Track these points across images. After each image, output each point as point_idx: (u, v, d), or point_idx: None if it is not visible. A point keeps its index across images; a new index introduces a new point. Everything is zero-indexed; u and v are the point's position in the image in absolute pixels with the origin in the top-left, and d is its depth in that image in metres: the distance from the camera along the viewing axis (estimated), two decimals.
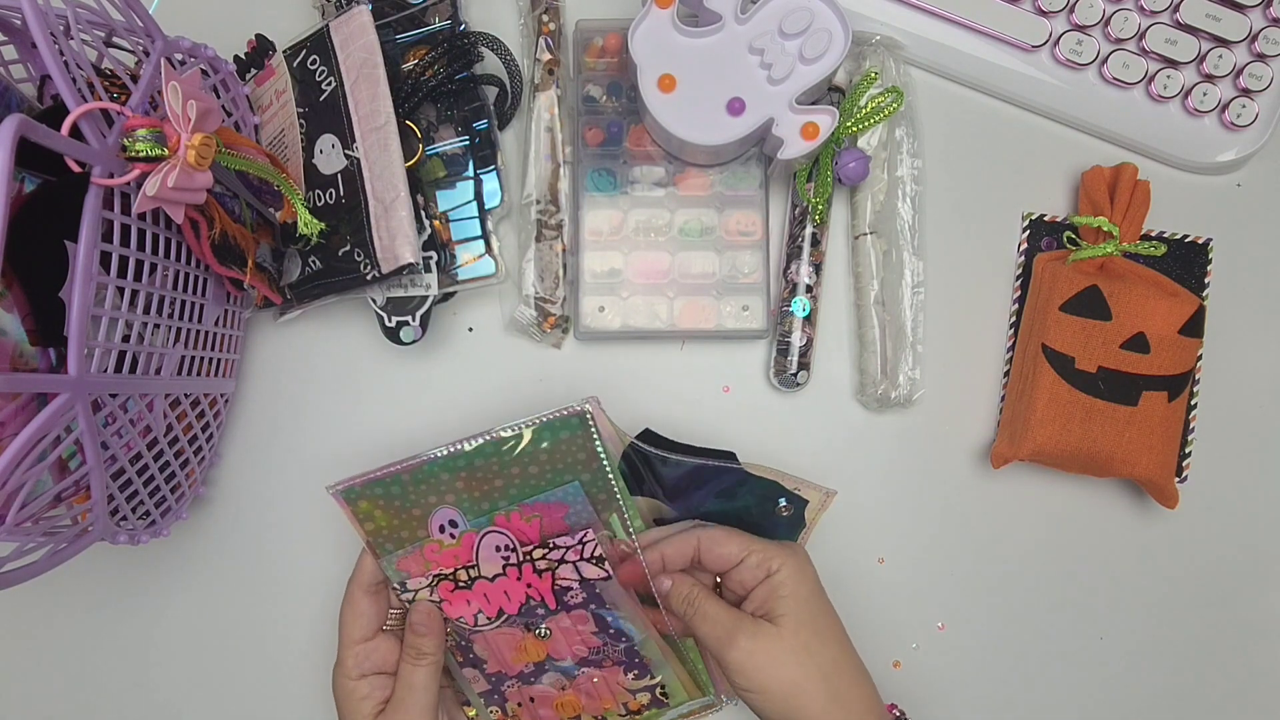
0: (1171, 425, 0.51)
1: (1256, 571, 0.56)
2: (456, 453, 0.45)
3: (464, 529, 0.46)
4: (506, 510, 0.46)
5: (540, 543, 0.47)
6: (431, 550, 0.47)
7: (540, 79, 0.54)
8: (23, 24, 0.43)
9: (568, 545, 0.47)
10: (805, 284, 0.54)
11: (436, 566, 0.47)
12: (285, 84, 0.52)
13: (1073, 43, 0.55)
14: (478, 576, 0.48)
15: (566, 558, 0.47)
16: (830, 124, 0.49)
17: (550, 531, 0.46)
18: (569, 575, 0.47)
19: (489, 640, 0.49)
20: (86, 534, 0.42)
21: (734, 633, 0.44)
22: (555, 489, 0.46)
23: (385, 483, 0.46)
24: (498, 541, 0.47)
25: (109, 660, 0.56)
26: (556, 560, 0.47)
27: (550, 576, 0.47)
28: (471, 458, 0.45)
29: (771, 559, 0.46)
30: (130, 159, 0.37)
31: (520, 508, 0.46)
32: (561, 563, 0.47)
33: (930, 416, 0.56)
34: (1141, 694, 0.56)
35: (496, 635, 0.49)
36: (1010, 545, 0.56)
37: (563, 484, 0.46)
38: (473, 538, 0.46)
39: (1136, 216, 0.52)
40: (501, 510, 0.46)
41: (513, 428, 0.45)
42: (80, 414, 0.37)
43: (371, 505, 0.46)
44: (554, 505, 0.46)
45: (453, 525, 0.46)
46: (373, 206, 0.48)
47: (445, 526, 0.46)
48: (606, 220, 0.54)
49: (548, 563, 0.47)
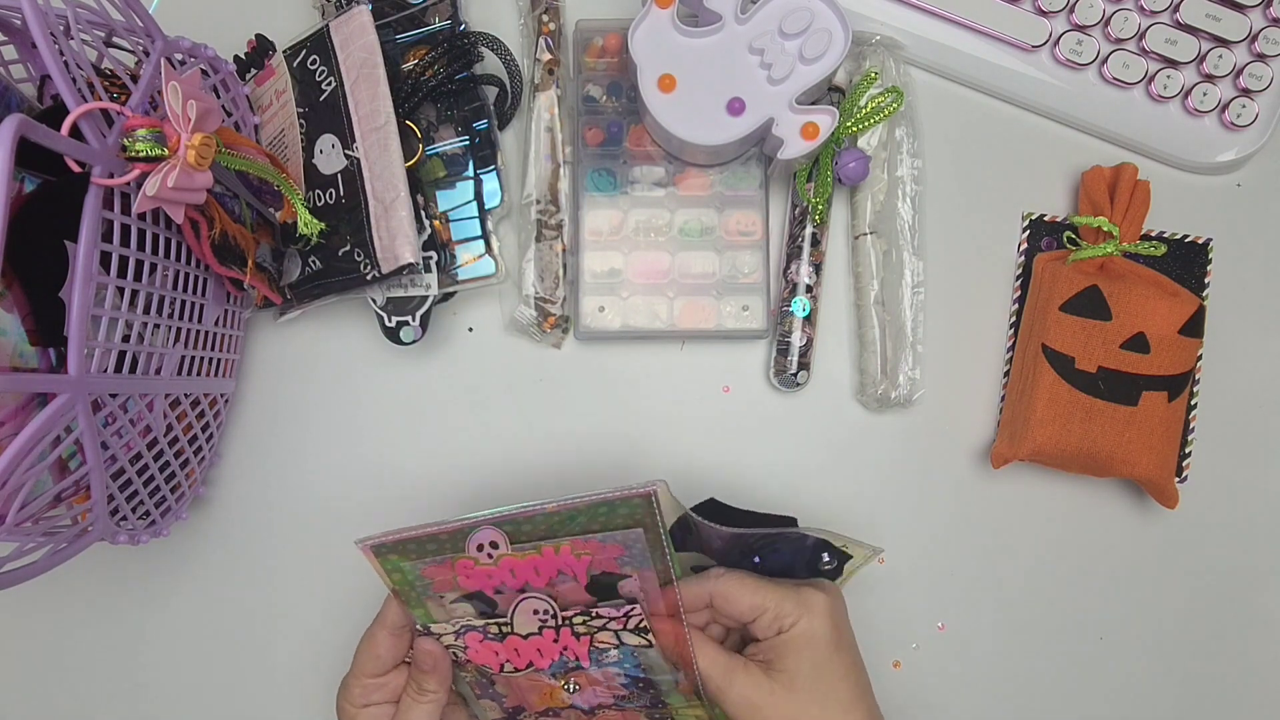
0: (1171, 425, 0.51)
1: (1256, 571, 0.56)
2: (502, 519, 0.42)
3: (505, 552, 0.43)
4: (557, 543, 0.42)
5: (582, 610, 0.44)
6: (464, 566, 0.43)
7: (540, 79, 0.54)
8: (23, 24, 0.43)
9: (611, 615, 0.44)
10: (805, 284, 0.54)
11: (467, 582, 0.44)
12: (285, 84, 0.52)
13: (1073, 43, 0.55)
14: (510, 632, 0.45)
15: (609, 626, 0.44)
16: (830, 124, 0.49)
17: (599, 569, 0.43)
18: (607, 640, 0.45)
19: (512, 682, 0.48)
20: (86, 534, 0.42)
21: (728, 682, 0.42)
22: (616, 532, 0.42)
23: (421, 541, 0.43)
24: (536, 606, 0.44)
25: (109, 660, 0.56)
26: (598, 628, 0.45)
27: (588, 640, 0.45)
28: (518, 524, 0.42)
29: (784, 616, 0.42)
30: (130, 159, 0.37)
31: (572, 542, 0.42)
32: (603, 630, 0.45)
33: (930, 416, 0.56)
34: (1141, 694, 0.56)
35: (522, 680, 0.47)
36: (1010, 545, 0.56)
37: (624, 528, 0.42)
38: (512, 562, 0.43)
39: (1136, 216, 0.52)
40: (551, 543, 0.42)
41: (563, 503, 0.41)
42: (80, 414, 0.37)
43: (401, 558, 0.43)
44: (610, 546, 0.42)
45: (493, 546, 0.43)
46: (373, 206, 0.48)
47: (484, 546, 0.43)
48: (606, 220, 0.54)
49: (588, 629, 0.45)
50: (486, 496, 0.55)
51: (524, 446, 0.56)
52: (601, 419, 0.56)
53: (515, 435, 0.56)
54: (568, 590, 0.44)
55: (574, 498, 0.41)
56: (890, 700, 0.55)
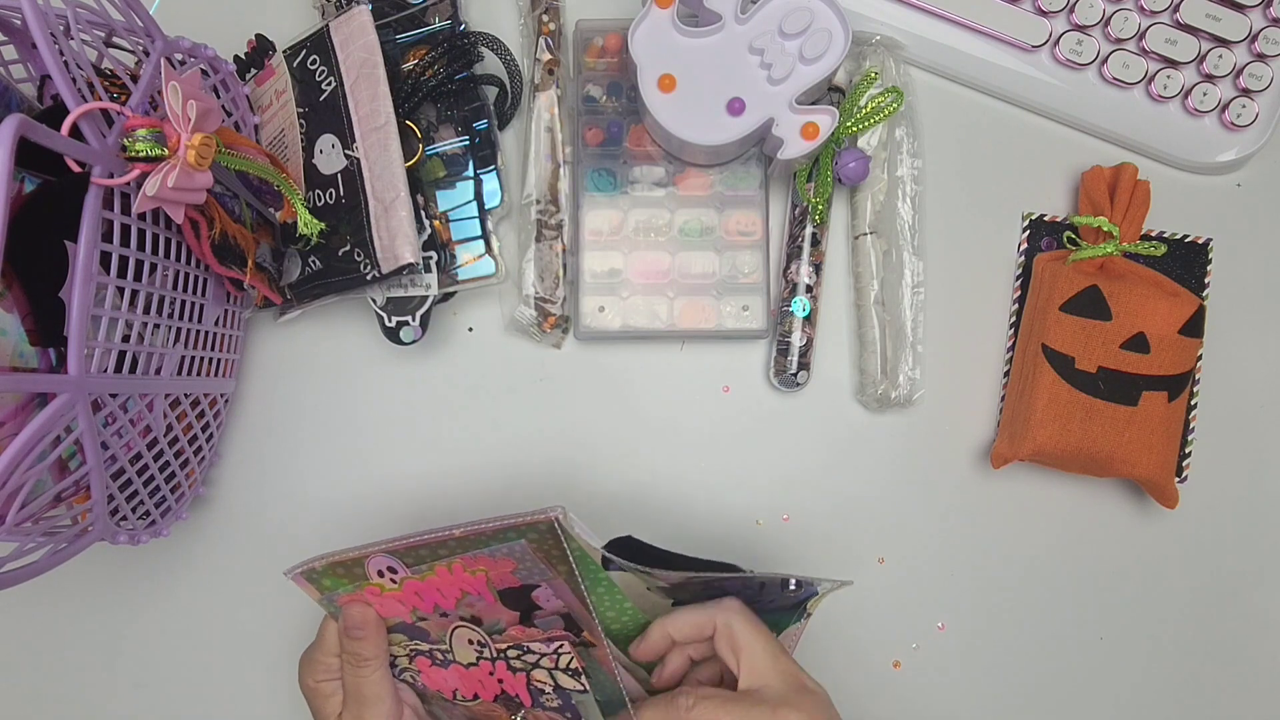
0: (1171, 425, 0.51)
1: (1256, 571, 0.56)
2: (414, 547, 0.41)
3: (404, 575, 0.43)
4: (449, 561, 0.42)
5: (514, 644, 0.44)
6: (372, 593, 0.43)
7: (540, 79, 0.54)
8: (23, 24, 0.43)
9: (542, 652, 0.44)
10: (805, 284, 0.54)
11: (381, 609, 0.44)
12: (285, 84, 0.52)
13: (1073, 43, 0.55)
14: (452, 660, 0.45)
15: (541, 664, 0.44)
16: (830, 124, 0.49)
17: (500, 584, 0.42)
18: (543, 679, 0.45)
19: (471, 709, 0.48)
20: (86, 534, 0.42)
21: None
22: (501, 544, 0.41)
23: (347, 565, 0.43)
24: (469, 636, 0.44)
25: (109, 660, 0.56)
26: (532, 664, 0.45)
27: (525, 677, 0.45)
28: (435, 549, 0.41)
29: (782, 707, 0.39)
30: (130, 159, 0.37)
31: (461, 559, 0.42)
32: (536, 666, 0.45)
33: (930, 416, 0.56)
34: (1141, 694, 0.56)
35: (478, 707, 0.48)
36: (1010, 545, 0.56)
37: (509, 541, 0.41)
38: (415, 585, 0.43)
39: (1136, 216, 0.52)
40: (443, 561, 0.42)
41: (467, 529, 0.40)
42: (80, 414, 0.37)
43: (334, 582, 0.44)
44: (500, 560, 0.41)
45: (391, 571, 0.43)
46: (373, 206, 0.48)
47: (384, 572, 0.43)
48: (606, 220, 0.54)
49: (523, 664, 0.45)
50: (487, 496, 0.55)
51: (524, 446, 0.56)
52: (601, 419, 0.56)
53: (515, 435, 0.56)
54: (487, 610, 0.44)
55: (477, 522, 0.40)
56: (890, 700, 0.56)
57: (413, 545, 0.41)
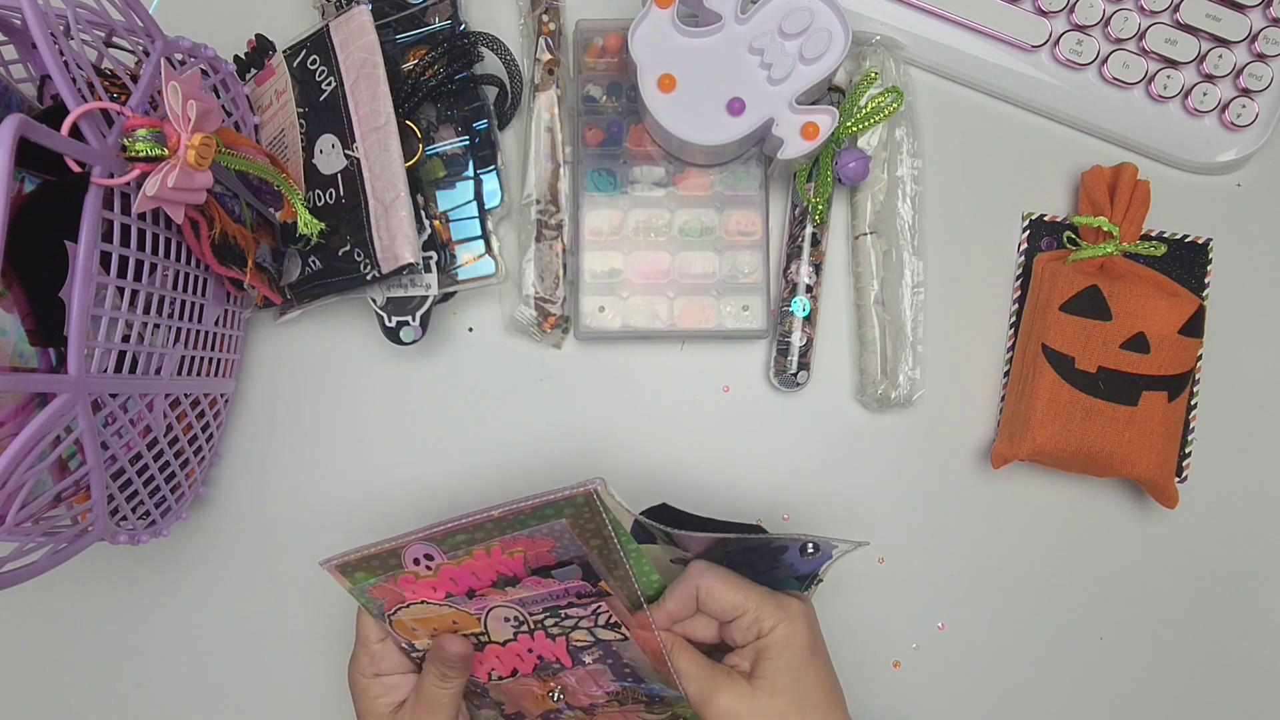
0: (1171, 425, 0.51)
1: (1256, 571, 0.56)
2: (453, 532, 0.42)
3: (441, 562, 0.43)
4: (487, 545, 0.42)
5: (550, 611, 0.44)
6: (407, 581, 0.43)
7: (540, 79, 0.54)
8: (23, 24, 0.43)
9: (580, 615, 0.44)
10: (805, 284, 0.54)
11: (413, 596, 0.44)
12: (285, 84, 0.52)
13: (1073, 43, 0.55)
14: (488, 641, 0.46)
15: (580, 624, 0.45)
16: (830, 124, 0.49)
17: (536, 564, 0.43)
18: (583, 639, 0.45)
19: (505, 689, 0.48)
20: (86, 534, 0.42)
21: (712, 691, 0.42)
22: (540, 524, 0.41)
23: (383, 557, 0.43)
24: (505, 614, 0.44)
25: (109, 660, 0.56)
26: (570, 627, 0.45)
27: (564, 640, 0.46)
28: (472, 533, 0.42)
29: (764, 620, 0.43)
30: (130, 159, 0.37)
31: (500, 542, 0.42)
32: (575, 629, 0.45)
33: (930, 416, 0.56)
34: (1141, 694, 0.56)
35: (512, 685, 0.48)
36: (1010, 545, 0.56)
37: (547, 520, 0.42)
38: (451, 570, 0.43)
39: (1136, 216, 0.52)
40: (481, 545, 0.42)
41: (507, 509, 0.40)
42: (80, 414, 0.37)
43: (367, 574, 0.44)
44: (539, 540, 0.42)
45: (428, 559, 0.43)
46: (373, 206, 0.48)
47: (420, 559, 0.43)
48: (606, 220, 0.54)
49: (561, 629, 0.45)
50: (487, 496, 0.55)
51: (524, 446, 0.56)
52: (601, 419, 0.56)
53: (515, 435, 0.56)
54: (521, 591, 0.44)
55: (516, 502, 0.40)
56: (890, 700, 0.56)
57: (451, 530, 0.41)
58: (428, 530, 0.42)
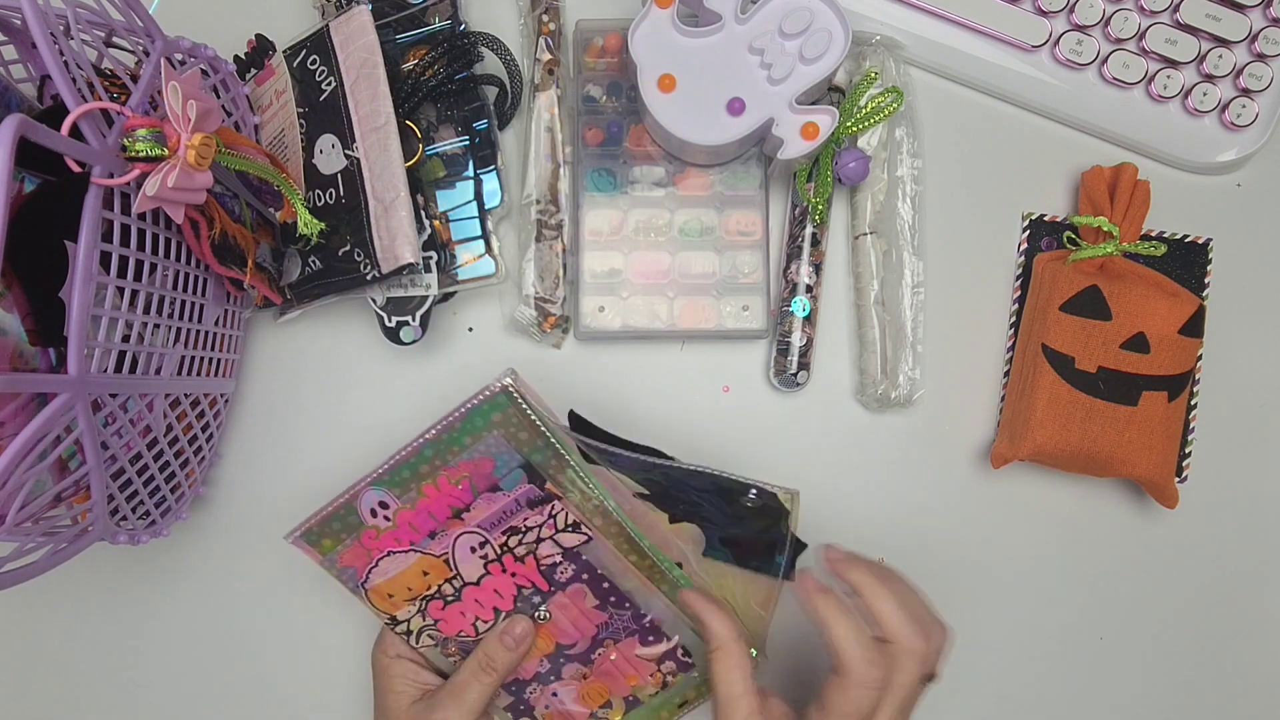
0: (1171, 425, 0.51)
1: (1256, 571, 0.56)
2: (396, 466, 0.44)
3: (397, 507, 0.46)
4: (433, 479, 0.45)
5: (510, 530, 0.46)
6: (369, 537, 0.46)
7: (540, 79, 0.54)
8: (23, 24, 0.43)
9: (539, 523, 0.46)
10: (805, 284, 0.54)
11: (379, 552, 0.46)
12: (285, 84, 0.52)
13: (1073, 43, 0.55)
14: (463, 585, 0.47)
15: (541, 535, 0.47)
16: (830, 124, 0.49)
17: (484, 486, 0.45)
18: (550, 551, 0.47)
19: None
20: (86, 534, 0.42)
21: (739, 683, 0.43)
22: (476, 444, 0.44)
23: (340, 515, 0.46)
24: (470, 542, 0.46)
25: (109, 660, 0.56)
26: (533, 541, 0.47)
27: (533, 560, 0.47)
28: (396, 472, 0.45)
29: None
30: (130, 159, 0.37)
31: (445, 471, 0.45)
32: (539, 542, 0.47)
33: (930, 416, 0.56)
34: (1141, 694, 0.56)
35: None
36: (1010, 545, 0.56)
37: (478, 433, 0.44)
38: (408, 515, 0.46)
39: (1136, 216, 0.52)
40: (428, 480, 0.45)
41: (438, 428, 0.44)
42: (80, 414, 0.37)
43: (333, 541, 0.47)
44: (480, 461, 0.45)
45: (383, 507, 0.46)
46: (373, 206, 0.48)
47: (376, 510, 0.46)
48: (606, 220, 0.54)
49: (525, 547, 0.47)
50: None
51: None
52: (601, 419, 0.56)
53: None
54: (475, 516, 0.46)
55: (442, 419, 0.43)
56: None
57: (395, 465, 0.44)
58: (373, 473, 0.44)
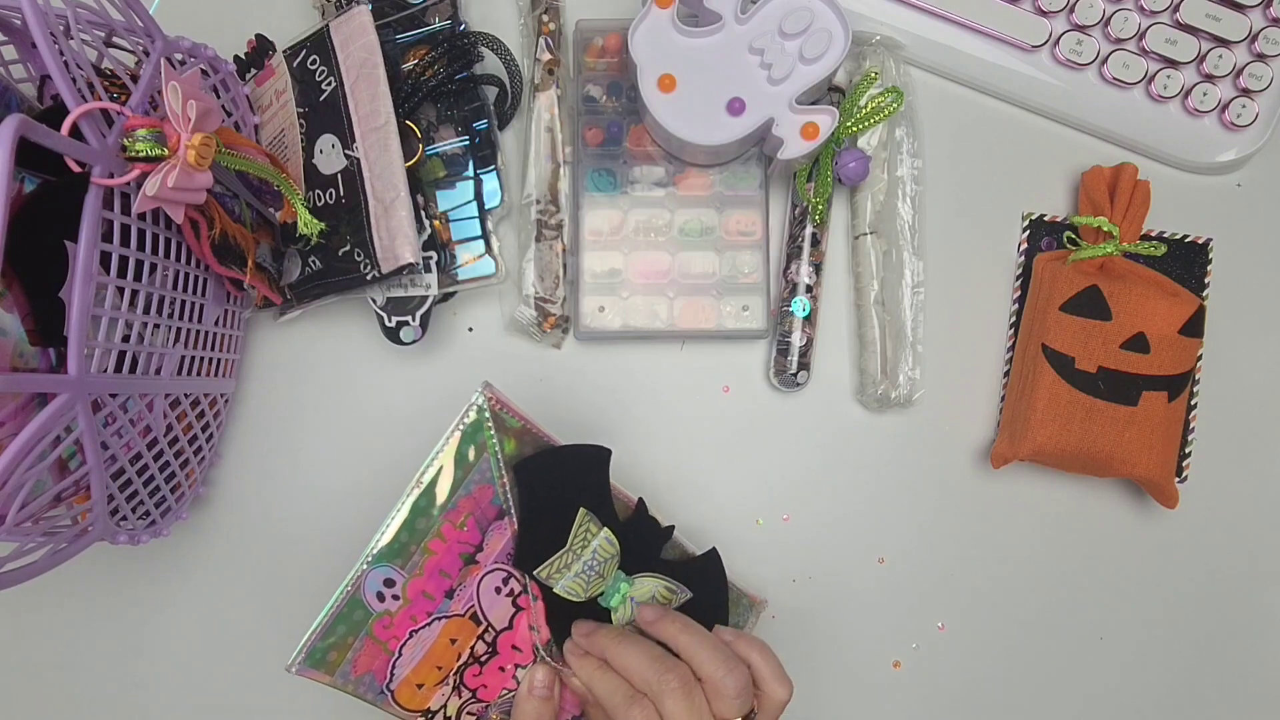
0: (1171, 425, 0.51)
1: (1256, 571, 0.56)
2: (378, 552, 0.40)
3: (404, 581, 0.41)
4: (436, 530, 0.40)
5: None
6: (381, 627, 0.41)
7: (540, 79, 0.54)
8: (23, 24, 0.43)
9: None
10: (805, 284, 0.54)
11: (397, 639, 0.41)
12: (285, 84, 0.52)
13: (1073, 43, 0.55)
14: (496, 635, 0.43)
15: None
16: (830, 124, 0.49)
17: (488, 519, 0.41)
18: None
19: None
20: (86, 534, 0.42)
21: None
22: (470, 475, 0.40)
23: (344, 615, 0.41)
24: (493, 582, 0.42)
25: (109, 660, 0.56)
26: None
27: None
28: (412, 523, 0.40)
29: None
30: (130, 159, 0.37)
31: (446, 518, 0.40)
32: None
33: (930, 416, 0.56)
34: (1141, 694, 0.56)
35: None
36: (1010, 545, 0.56)
37: (471, 464, 0.40)
38: (419, 583, 0.41)
39: (1136, 216, 0.52)
40: (431, 536, 0.40)
41: (429, 465, 0.40)
42: (80, 414, 0.37)
43: (342, 652, 0.41)
44: (476, 492, 0.40)
45: (389, 585, 0.40)
46: (373, 206, 0.48)
47: (383, 593, 0.41)
48: (606, 220, 0.54)
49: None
50: None
51: None
52: (601, 419, 0.56)
53: None
54: (488, 555, 0.42)
55: (423, 467, 0.40)
56: (890, 700, 0.56)
57: (390, 533, 0.39)
58: (369, 550, 0.40)
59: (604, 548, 0.43)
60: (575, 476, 0.43)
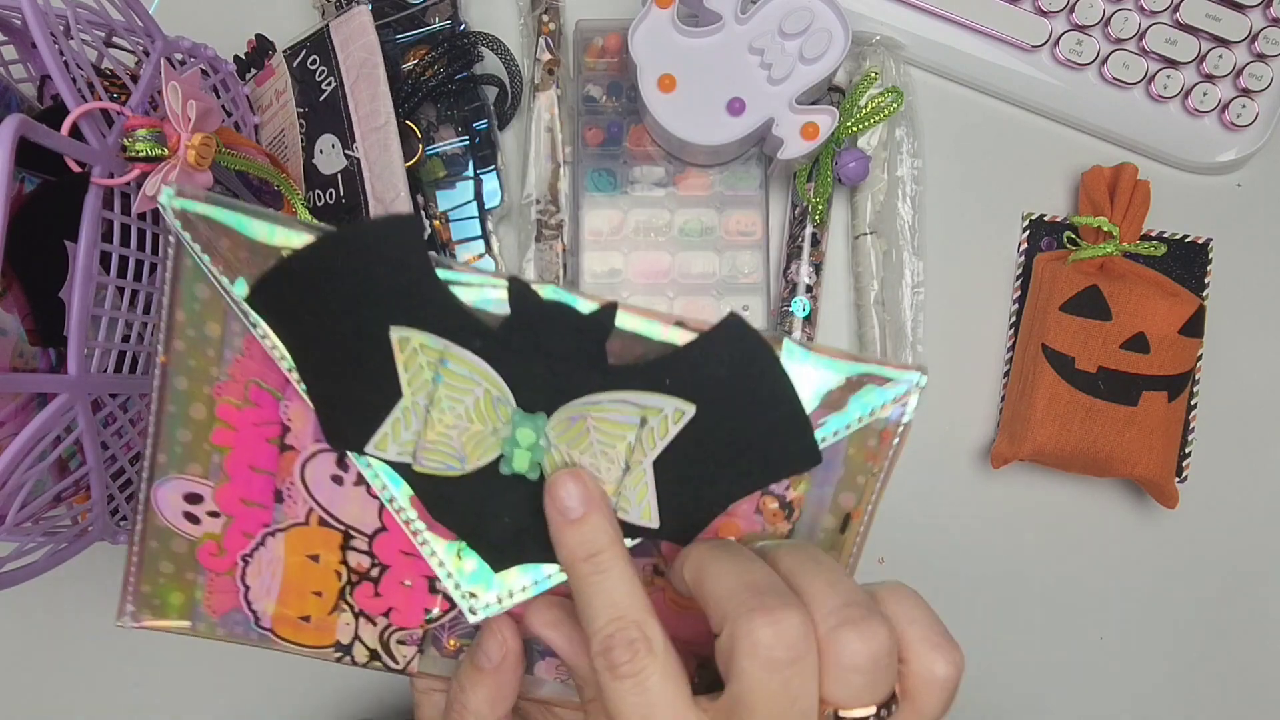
0: (1171, 425, 0.51)
1: (1256, 571, 0.56)
2: (164, 432, 0.30)
3: (210, 489, 0.32)
4: (214, 414, 0.30)
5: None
6: (208, 554, 0.32)
7: (540, 79, 0.54)
8: (23, 24, 0.43)
9: None
10: (805, 284, 0.54)
11: (236, 565, 0.31)
12: (285, 84, 0.52)
13: (1073, 43, 0.55)
14: (371, 537, 0.32)
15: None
16: (830, 124, 0.49)
17: (279, 385, 0.30)
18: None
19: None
20: (86, 534, 0.42)
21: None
22: (230, 324, 0.29)
23: (158, 547, 0.33)
24: (325, 469, 0.30)
25: (108, 660, 0.56)
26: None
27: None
28: (183, 411, 0.30)
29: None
30: (130, 159, 0.37)
31: (219, 394, 0.30)
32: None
33: (930, 416, 0.56)
34: (1141, 694, 0.56)
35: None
36: (1010, 545, 0.56)
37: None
38: (231, 490, 0.32)
39: (1136, 216, 0.52)
40: (214, 422, 0.30)
41: (163, 338, 0.29)
42: (80, 414, 0.37)
43: (184, 591, 0.33)
44: (245, 346, 0.29)
45: (193, 501, 0.32)
46: (373, 206, 0.48)
47: (191, 512, 0.32)
48: (606, 220, 0.54)
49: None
50: None
51: None
52: None
53: None
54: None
55: (162, 324, 0.29)
56: None
57: (159, 433, 0.30)
58: (146, 461, 0.31)
59: (457, 376, 0.27)
60: (364, 277, 0.27)
